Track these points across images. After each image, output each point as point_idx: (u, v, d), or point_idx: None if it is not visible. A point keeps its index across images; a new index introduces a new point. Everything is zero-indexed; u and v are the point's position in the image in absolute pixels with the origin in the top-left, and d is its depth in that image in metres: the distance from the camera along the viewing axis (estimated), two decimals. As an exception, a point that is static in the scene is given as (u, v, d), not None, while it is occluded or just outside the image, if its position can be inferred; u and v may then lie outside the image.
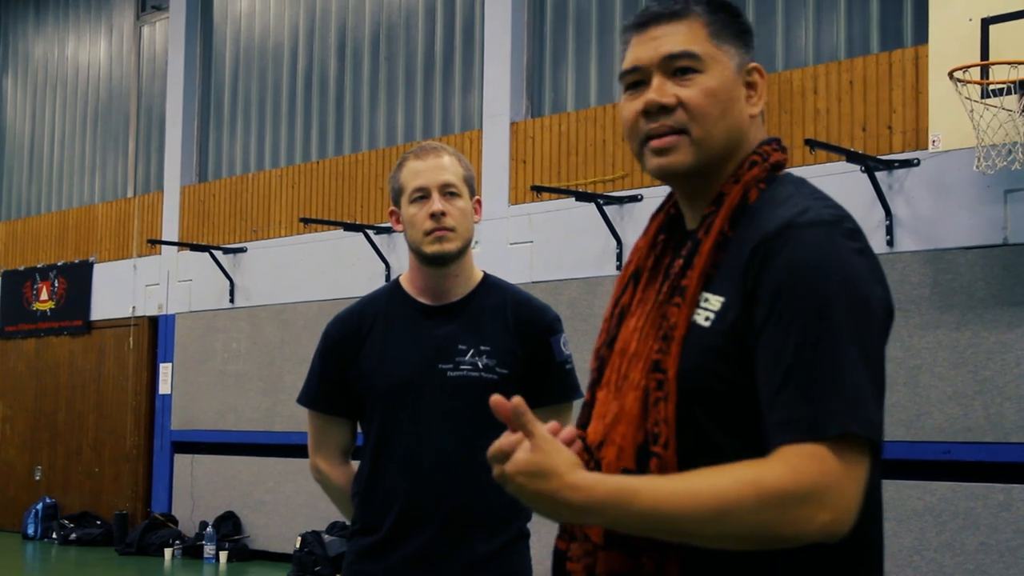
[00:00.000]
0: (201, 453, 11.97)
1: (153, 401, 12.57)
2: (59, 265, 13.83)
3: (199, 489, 11.93)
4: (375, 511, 2.85)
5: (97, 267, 13.37)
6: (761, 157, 1.76)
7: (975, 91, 6.63)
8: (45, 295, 13.94)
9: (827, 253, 1.60)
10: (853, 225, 1.66)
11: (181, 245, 12.23)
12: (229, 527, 11.36)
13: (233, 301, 11.77)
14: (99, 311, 13.26)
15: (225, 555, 11.01)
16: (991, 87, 6.58)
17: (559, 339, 2.93)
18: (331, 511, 9.49)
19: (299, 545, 10.25)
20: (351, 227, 10.50)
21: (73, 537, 12.51)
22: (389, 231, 10.33)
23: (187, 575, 10.77)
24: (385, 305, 2.94)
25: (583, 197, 8.90)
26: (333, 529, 10.24)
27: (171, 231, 12.50)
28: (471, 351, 2.84)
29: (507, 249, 9.49)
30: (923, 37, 7.38)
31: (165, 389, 12.39)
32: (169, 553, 11.40)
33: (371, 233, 10.41)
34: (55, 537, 12.75)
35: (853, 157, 7.42)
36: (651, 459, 1.63)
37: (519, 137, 9.68)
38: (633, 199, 8.81)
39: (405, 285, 2.96)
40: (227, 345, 11.77)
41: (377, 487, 2.85)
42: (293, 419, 10.61)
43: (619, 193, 8.91)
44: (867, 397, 1.56)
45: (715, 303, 1.66)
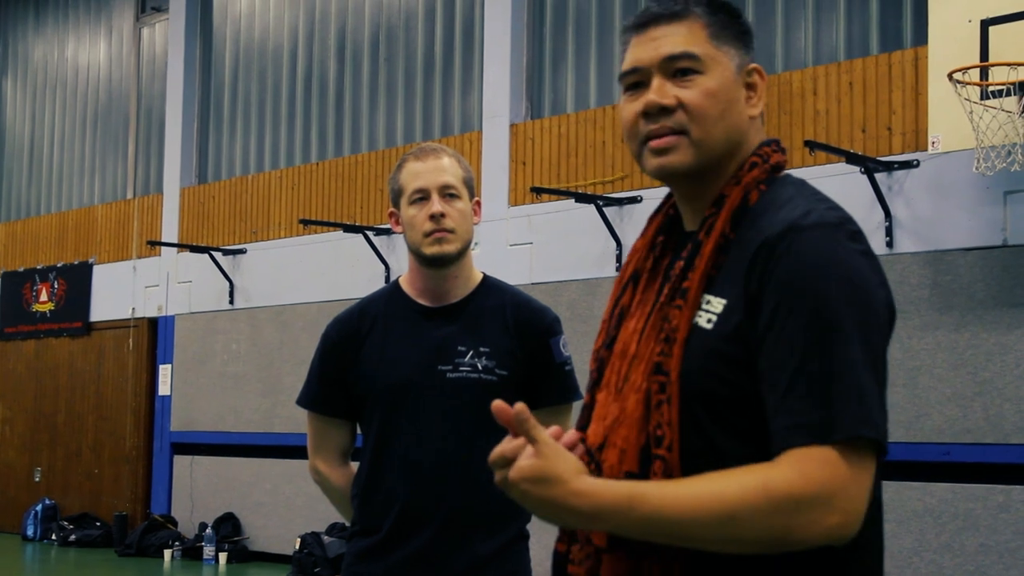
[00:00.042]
0: (200, 454, 11.97)
1: (152, 402, 12.56)
2: (59, 266, 13.82)
3: (198, 490, 11.92)
4: (375, 512, 2.85)
5: (97, 268, 13.36)
6: (761, 158, 1.75)
7: (974, 92, 6.62)
8: (45, 296, 13.93)
9: (831, 256, 1.59)
10: (855, 227, 1.65)
11: (181, 247, 12.23)
12: (228, 528, 11.36)
13: (233, 302, 11.77)
14: (99, 312, 13.26)
15: (224, 556, 11.00)
16: (991, 88, 6.57)
17: (559, 340, 2.93)
18: (330, 512, 9.49)
19: (298, 546, 10.24)
20: (351, 228, 10.50)
21: (72, 538, 12.50)
22: (389, 232, 10.33)
23: (186, 576, 10.79)
24: (384, 306, 2.94)
25: (583, 198, 8.89)
26: (332, 530, 10.24)
27: (171, 232, 12.50)
28: (470, 352, 2.84)
29: (506, 250, 9.48)
30: (923, 38, 7.38)
31: (164, 390, 12.38)
32: (168, 554, 11.40)
33: (371, 234, 10.41)
34: (54, 538, 12.74)
35: (853, 158, 7.42)
36: (655, 462, 1.63)
37: (519, 138, 9.68)
38: (633, 200, 8.80)
39: (405, 286, 2.96)
40: (226, 346, 11.76)
41: (377, 488, 2.85)
42: (292, 420, 10.61)
43: (619, 194, 8.91)
44: (873, 400, 1.56)
45: (717, 305, 1.65)
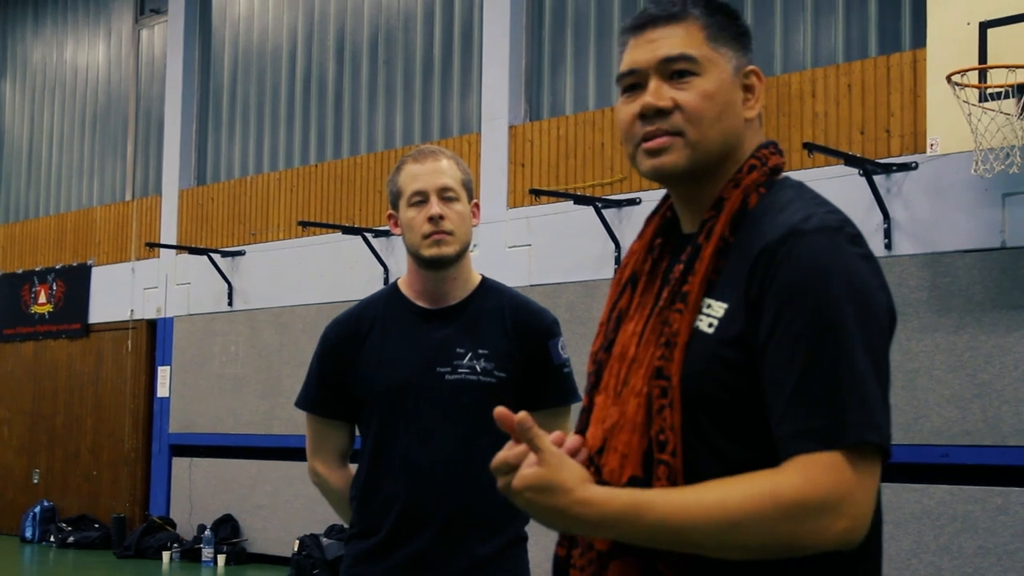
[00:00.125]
0: (199, 456, 11.96)
1: (151, 404, 12.55)
2: (57, 268, 13.82)
3: (197, 492, 11.91)
4: (374, 514, 2.84)
5: (95, 270, 13.35)
6: (760, 161, 1.75)
7: (973, 95, 6.62)
8: (43, 298, 13.92)
9: (833, 260, 1.59)
10: (855, 230, 1.65)
11: (179, 248, 12.23)
12: (227, 530, 11.35)
13: (231, 304, 11.77)
14: (97, 314, 13.25)
15: (223, 558, 11.00)
16: (989, 91, 6.57)
17: (557, 343, 2.93)
18: (329, 514, 9.48)
19: (297, 548, 10.24)
20: (349, 230, 10.50)
21: (71, 540, 12.49)
22: (387, 234, 10.32)
23: (185, 578, 10.78)
24: (383, 308, 2.94)
25: (581, 200, 8.89)
26: (331, 532, 10.23)
27: (169, 234, 12.49)
28: (469, 354, 2.84)
29: (505, 252, 9.48)
30: (921, 41, 7.38)
31: (163, 392, 12.37)
32: (167, 556, 11.40)
33: (369, 236, 10.41)
34: (53, 540, 12.73)
35: (851, 160, 7.42)
36: (659, 467, 1.62)
37: (517, 140, 9.68)
38: (631, 202, 8.81)
39: (403, 288, 2.96)
40: (225, 348, 11.76)
41: (376, 490, 2.85)
42: (291, 422, 10.60)
43: (617, 196, 8.91)
44: (877, 404, 1.56)
45: (718, 309, 1.65)
